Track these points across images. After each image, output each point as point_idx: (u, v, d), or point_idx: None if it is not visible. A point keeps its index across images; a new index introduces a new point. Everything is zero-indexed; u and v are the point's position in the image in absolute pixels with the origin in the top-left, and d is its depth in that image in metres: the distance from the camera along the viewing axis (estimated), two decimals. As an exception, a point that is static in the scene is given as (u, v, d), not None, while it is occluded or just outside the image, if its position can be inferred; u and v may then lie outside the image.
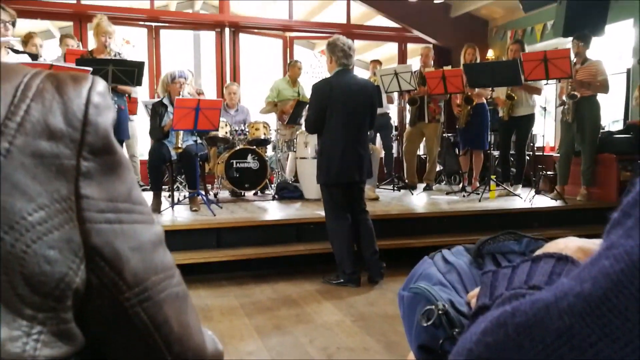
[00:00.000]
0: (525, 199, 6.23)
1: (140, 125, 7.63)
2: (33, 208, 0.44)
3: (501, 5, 8.96)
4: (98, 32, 5.68)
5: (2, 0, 7.01)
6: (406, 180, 7.58)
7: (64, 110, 0.48)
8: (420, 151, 8.48)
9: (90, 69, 4.08)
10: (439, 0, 8.37)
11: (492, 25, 9.59)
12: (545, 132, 6.82)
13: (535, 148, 7.61)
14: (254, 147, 6.58)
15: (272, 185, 6.99)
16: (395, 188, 7.35)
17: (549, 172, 7.12)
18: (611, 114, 7.63)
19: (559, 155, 6.67)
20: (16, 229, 0.43)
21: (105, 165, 0.49)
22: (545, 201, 6.24)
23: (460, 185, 7.17)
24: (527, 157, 7.16)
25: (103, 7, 8.37)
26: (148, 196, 5.52)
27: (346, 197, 4.39)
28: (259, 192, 6.96)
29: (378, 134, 7.82)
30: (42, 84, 0.48)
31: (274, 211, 5.71)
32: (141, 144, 8.49)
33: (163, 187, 5.69)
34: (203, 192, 5.74)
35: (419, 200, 6.53)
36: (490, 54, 9.06)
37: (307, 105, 7.04)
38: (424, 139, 7.68)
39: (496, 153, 7.34)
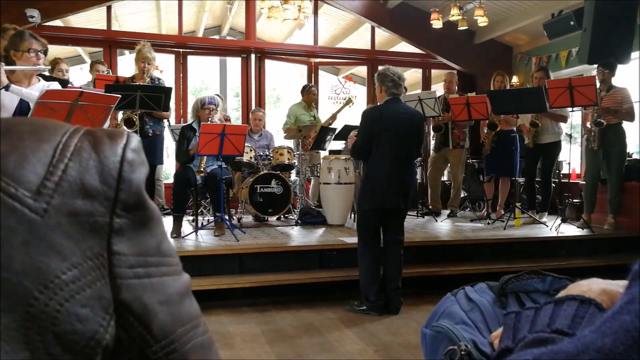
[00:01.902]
0: (551, 227, 6.14)
1: (165, 149, 7.73)
2: (67, 267, 0.45)
3: (526, 32, 8.96)
4: (138, 58, 5.84)
5: (35, 27, 7.24)
6: (430, 206, 7.54)
7: (99, 169, 0.48)
8: (445, 177, 8.44)
9: (119, 95, 4.16)
10: (463, 27, 8.39)
11: (517, 52, 9.58)
12: (571, 159, 6.76)
13: (561, 175, 7.53)
14: (278, 172, 6.63)
15: (295, 210, 7.02)
16: (419, 214, 7.32)
17: (575, 200, 7.03)
18: (638, 142, 7.53)
19: (585, 183, 6.59)
20: (50, 288, 0.44)
21: (136, 220, 0.50)
22: (571, 230, 6.14)
23: (485, 212, 7.11)
24: (553, 185, 7.08)
25: (133, 34, 8.58)
26: (169, 220, 5.59)
27: (385, 225, 4.39)
28: (282, 217, 6.99)
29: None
30: (79, 142, 0.49)
31: (296, 237, 5.72)
32: (167, 168, 8.60)
33: (187, 211, 5.74)
34: (227, 217, 5.78)
35: (443, 227, 6.49)
36: (515, 81, 9.03)
37: (331, 132, 7.11)
38: (449, 164, 7.66)
39: (522, 180, 7.28)
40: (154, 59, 5.91)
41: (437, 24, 8.33)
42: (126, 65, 8.83)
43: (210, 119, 5.52)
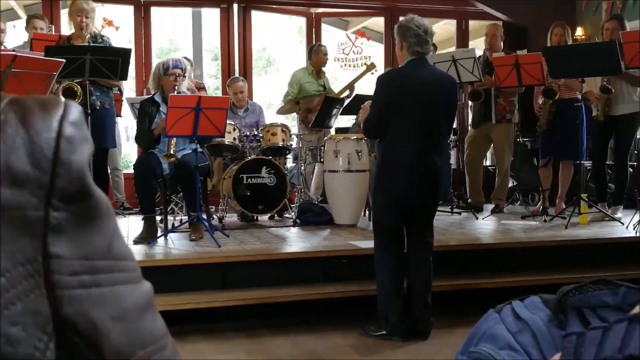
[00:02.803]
0: (627, 224, 6.14)
1: (124, 130, 7.75)
2: None
3: (593, -30, 8.91)
4: (72, 11, 5.82)
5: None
6: (469, 200, 7.55)
7: (30, 148, 0.48)
8: (488, 161, 8.44)
9: (63, 60, 4.17)
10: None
11: (582, -4, 9.53)
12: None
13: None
14: (270, 157, 6.64)
15: (293, 207, 7.02)
16: (454, 210, 7.33)
17: (659, 190, 7.01)
18: None
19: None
20: None
21: (79, 214, 0.50)
22: (654, 228, 6.14)
23: (540, 207, 7.10)
24: (631, 170, 7.07)
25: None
26: (133, 220, 5.60)
27: (409, 224, 4.40)
28: (276, 215, 7.01)
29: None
30: (2, 114, 0.48)
31: (295, 241, 5.76)
32: (130, 154, 8.58)
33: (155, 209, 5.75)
34: (205, 217, 5.79)
35: (485, 227, 6.52)
36: (580, 34, 8.99)
37: (338, 103, 7.10)
38: (492, 145, 7.65)
39: (588, 164, 7.26)
40: (93, 10, 5.90)
41: (476, -40, 8.30)
42: (71, 20, 8.82)
43: (176, 87, 5.49)
